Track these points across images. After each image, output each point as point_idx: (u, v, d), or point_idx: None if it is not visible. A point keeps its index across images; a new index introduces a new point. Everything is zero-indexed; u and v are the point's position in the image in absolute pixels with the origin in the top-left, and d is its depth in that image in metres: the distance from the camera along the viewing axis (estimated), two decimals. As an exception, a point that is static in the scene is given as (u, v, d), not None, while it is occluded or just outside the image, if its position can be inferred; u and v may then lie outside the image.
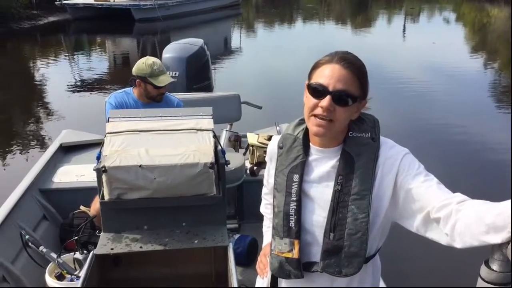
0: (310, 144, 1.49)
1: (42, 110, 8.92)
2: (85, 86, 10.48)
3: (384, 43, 16.14)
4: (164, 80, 3.26)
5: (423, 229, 1.34)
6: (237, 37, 18.35)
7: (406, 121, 7.92)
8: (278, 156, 1.54)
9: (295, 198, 1.46)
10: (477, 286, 1.17)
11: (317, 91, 1.36)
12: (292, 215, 1.45)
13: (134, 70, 3.30)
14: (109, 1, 19.85)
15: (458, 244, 1.21)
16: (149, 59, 3.29)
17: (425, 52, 14.17)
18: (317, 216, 1.44)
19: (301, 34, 19.02)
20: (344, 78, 1.35)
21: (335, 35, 18.38)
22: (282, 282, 1.57)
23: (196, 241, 2.14)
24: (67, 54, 14.75)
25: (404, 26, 21.25)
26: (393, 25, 22.24)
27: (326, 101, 1.34)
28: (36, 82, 11.15)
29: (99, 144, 4.09)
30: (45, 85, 10.80)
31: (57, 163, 3.99)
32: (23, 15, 17.99)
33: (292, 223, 1.45)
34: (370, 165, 1.39)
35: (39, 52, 15.04)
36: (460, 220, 1.20)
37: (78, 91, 10.06)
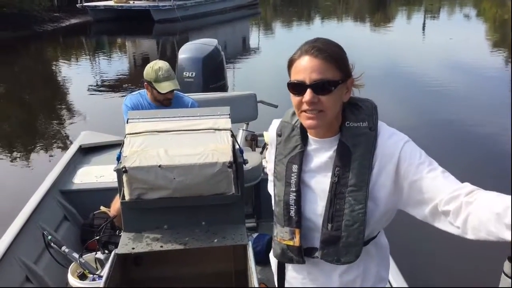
0: (308, 134, 1.49)
1: (63, 111, 9.11)
2: (106, 87, 10.65)
3: (404, 40, 15.95)
4: (167, 87, 3.26)
5: (430, 220, 1.33)
6: (255, 36, 18.38)
7: (425, 118, 7.85)
8: (277, 144, 1.55)
9: (294, 189, 1.47)
10: (500, 282, 1.16)
11: (297, 88, 1.36)
12: (292, 205, 1.47)
13: (144, 73, 3.34)
14: (129, 3, 20.31)
15: (470, 237, 1.21)
16: (156, 64, 3.31)
17: (445, 48, 13.97)
18: (317, 205, 1.46)
19: (319, 33, 18.91)
20: (317, 66, 1.33)
21: (354, 33, 18.23)
22: (289, 265, 1.60)
23: (215, 240, 2.15)
24: (88, 56, 15.05)
25: (424, 23, 20.95)
26: (413, 22, 21.92)
27: (307, 95, 1.33)
28: (58, 83, 11.42)
29: (117, 145, 4.18)
30: (67, 86, 11.06)
31: (77, 164, 4.05)
32: (46, 17, 18.52)
33: (292, 213, 1.47)
34: (367, 156, 1.38)
35: (61, 53, 15.42)
36: (473, 215, 1.18)
37: (99, 92, 10.24)
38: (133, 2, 20.45)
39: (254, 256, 2.07)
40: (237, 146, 2.27)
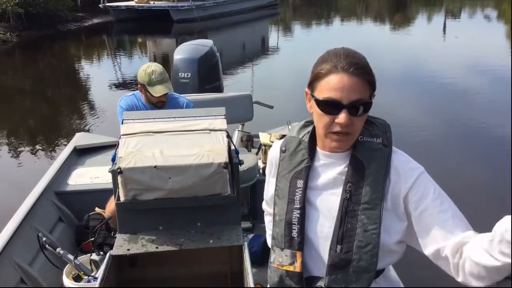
0: (317, 148, 1.39)
1: (84, 109, 9.17)
2: (127, 85, 10.75)
3: (424, 41, 15.82)
4: (160, 90, 3.26)
5: (432, 258, 1.29)
6: (274, 36, 18.42)
7: (446, 120, 7.76)
8: (280, 161, 1.44)
9: (298, 206, 1.36)
10: (500, 282, 1.15)
11: (330, 107, 1.25)
12: (294, 224, 1.35)
13: (137, 76, 3.34)
14: (149, 3, 20.75)
15: (476, 283, 1.19)
16: (149, 67, 3.31)
17: (466, 49, 13.83)
18: (321, 226, 1.35)
19: (338, 33, 18.93)
20: (356, 86, 1.24)
21: (373, 34, 18.18)
22: None
23: (211, 241, 2.14)
24: (110, 54, 15.36)
25: (445, 24, 20.77)
26: (433, 23, 21.74)
27: (343, 117, 1.23)
28: (80, 81, 11.60)
29: (112, 146, 4.16)
30: (89, 84, 11.21)
31: (72, 165, 4.03)
32: (70, 17, 19.23)
33: (294, 233, 1.35)
34: (381, 172, 1.30)
35: (84, 52, 15.75)
36: (468, 262, 1.18)
37: (120, 90, 10.28)
38: (153, 3, 20.88)
39: (250, 257, 2.07)
40: (232, 147, 2.27)
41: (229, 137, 2.25)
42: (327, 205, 1.35)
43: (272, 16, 23.83)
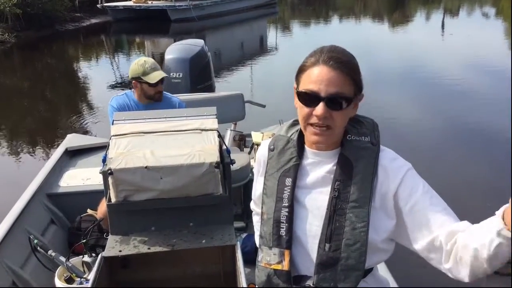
0: (305, 146, 1.39)
1: (82, 109, 9.15)
2: (125, 85, 10.71)
3: (422, 39, 15.87)
4: (157, 76, 3.28)
5: (426, 254, 1.28)
6: (273, 35, 18.43)
7: (444, 118, 7.75)
8: (268, 159, 1.43)
9: (287, 204, 1.35)
10: (500, 282, 1.15)
11: (309, 99, 1.26)
12: (283, 222, 1.35)
13: (129, 73, 3.34)
14: (147, 3, 20.85)
15: (466, 274, 1.19)
16: (140, 60, 3.34)
17: (465, 47, 13.89)
18: (310, 224, 1.35)
19: (337, 32, 18.95)
20: (335, 79, 1.24)
21: (372, 33, 18.22)
22: None
23: (203, 241, 2.14)
24: (108, 54, 15.41)
25: (443, 21, 20.81)
26: (431, 21, 21.79)
27: (320, 109, 1.24)
28: (79, 81, 11.62)
29: (104, 147, 4.13)
30: (87, 84, 11.23)
31: (63, 167, 4.01)
32: (68, 17, 19.31)
33: (282, 232, 1.35)
34: (369, 170, 1.30)
35: (82, 52, 15.81)
36: (464, 252, 1.17)
37: (118, 90, 10.27)
38: (151, 2, 20.94)
39: (243, 256, 2.07)
40: (224, 147, 2.26)
41: (220, 136, 2.24)
42: (315, 203, 1.35)
43: (271, 15, 23.85)
